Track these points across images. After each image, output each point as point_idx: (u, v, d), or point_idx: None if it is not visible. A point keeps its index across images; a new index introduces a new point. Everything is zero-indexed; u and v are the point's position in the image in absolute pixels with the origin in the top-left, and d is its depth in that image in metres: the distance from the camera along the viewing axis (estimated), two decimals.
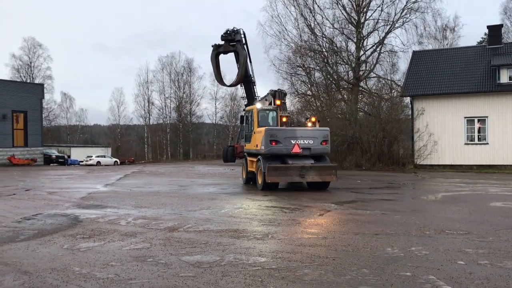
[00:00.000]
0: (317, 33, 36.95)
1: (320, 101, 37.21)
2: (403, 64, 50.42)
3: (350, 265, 5.04)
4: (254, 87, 41.84)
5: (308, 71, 37.98)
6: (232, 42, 38.78)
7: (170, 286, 4.35)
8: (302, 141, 14.13)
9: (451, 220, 8.32)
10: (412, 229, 7.33)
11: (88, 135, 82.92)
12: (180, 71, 71.45)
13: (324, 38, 37.01)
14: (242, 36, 39.21)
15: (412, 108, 26.83)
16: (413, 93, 26.84)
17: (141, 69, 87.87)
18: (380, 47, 35.85)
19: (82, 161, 45.93)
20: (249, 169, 16.01)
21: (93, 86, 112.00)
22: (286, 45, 38.01)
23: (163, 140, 70.51)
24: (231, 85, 42.31)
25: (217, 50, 38.74)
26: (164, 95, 71.14)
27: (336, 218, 8.59)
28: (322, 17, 36.51)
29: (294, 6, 37.01)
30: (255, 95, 42.40)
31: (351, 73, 36.99)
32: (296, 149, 14.00)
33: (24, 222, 7.98)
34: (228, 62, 65.97)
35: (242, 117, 17.69)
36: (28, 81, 61.65)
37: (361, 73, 36.36)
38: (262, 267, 4.96)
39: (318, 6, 36.28)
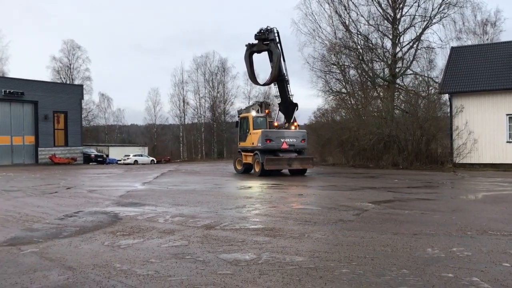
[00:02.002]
0: (352, 30, 36.51)
1: (355, 99, 36.73)
2: (441, 61, 49.14)
3: (390, 266, 4.96)
4: (288, 85, 41.70)
5: (342, 68, 37.57)
6: (266, 41, 38.82)
7: (208, 283, 4.39)
8: (288, 139, 20.14)
9: (494, 221, 8.06)
10: (452, 229, 7.14)
11: (126, 135, 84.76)
12: (214, 71, 72.08)
13: (359, 35, 36.53)
14: (276, 34, 39.15)
15: (450, 106, 26.12)
16: (451, 90, 26.11)
17: (176, 69, 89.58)
18: (417, 43, 35.07)
19: (120, 160, 47.01)
20: (244, 161, 21.34)
21: (130, 86, 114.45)
22: (320, 43, 37.72)
23: (197, 139, 71.30)
24: (264, 84, 42.27)
25: (251, 49, 38.83)
26: (199, 95, 71.97)
27: (373, 217, 8.46)
28: (357, 14, 36.03)
29: (328, 4, 36.67)
30: (288, 94, 42.35)
31: (387, 70, 36.35)
32: (285, 146, 19.94)
33: (66, 219, 8.23)
34: (261, 61, 66.02)
35: (237, 122, 22.54)
36: (68, 82, 63.56)
37: (397, 70, 35.67)
38: (299, 266, 4.95)
39: (353, 3, 35.82)
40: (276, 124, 21.59)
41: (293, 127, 21.61)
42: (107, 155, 49.44)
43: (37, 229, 7.27)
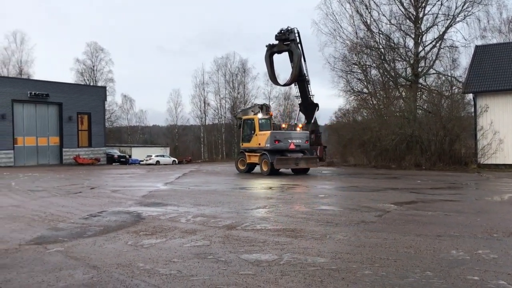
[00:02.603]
0: (374, 30, 36.19)
1: (377, 99, 36.38)
2: (465, 60, 48.24)
3: (413, 267, 4.90)
4: (308, 86, 41.55)
5: (364, 68, 37.25)
6: (286, 41, 38.69)
7: (230, 283, 4.41)
8: (295, 140, 21.35)
9: None
10: (477, 231, 7.01)
11: (148, 136, 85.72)
12: (234, 72, 72.31)
13: (380, 35, 36.18)
14: (296, 35, 39.03)
15: (475, 105, 25.64)
16: (476, 89, 25.63)
17: (197, 70, 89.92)
18: (439, 42, 34.54)
19: (142, 161, 47.53)
20: (248, 161, 22.11)
21: (152, 88, 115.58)
22: (341, 42, 37.49)
23: (218, 140, 71.61)
24: (285, 85, 42.27)
25: (271, 50, 38.80)
26: (219, 95, 72.29)
27: (396, 219, 8.37)
28: (379, 13, 35.69)
29: (350, 3, 36.43)
30: (309, 94, 42.18)
31: (409, 70, 35.90)
32: (292, 146, 21.15)
33: (90, 219, 8.37)
34: (282, 61, 65.92)
35: (240, 124, 23.17)
36: (91, 84, 64.57)
37: (420, 69, 35.19)
38: (321, 267, 4.93)
39: (374, 2, 35.50)
40: (284, 125, 23.29)
41: (298, 129, 23.45)
42: (130, 156, 50.03)
43: (62, 229, 7.41)
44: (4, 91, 31.99)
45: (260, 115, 22.40)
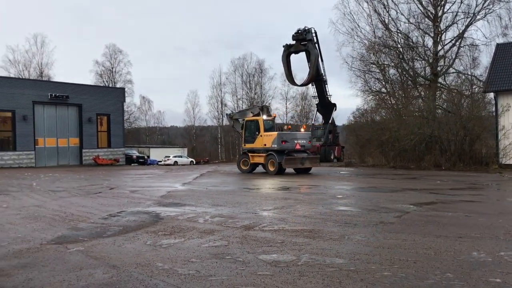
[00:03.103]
0: (392, 29, 35.85)
1: (395, 98, 36.03)
2: (485, 58, 47.45)
3: (433, 269, 4.84)
4: (326, 85, 41.40)
5: (382, 68, 36.94)
6: (303, 41, 38.53)
7: (248, 284, 4.42)
8: (300, 141, 22.14)
9: None
10: (499, 232, 6.89)
11: (166, 136, 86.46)
12: (251, 72, 72.43)
13: (399, 34, 35.83)
14: (313, 35, 38.87)
15: (496, 105, 25.20)
16: (497, 88, 25.18)
17: (215, 71, 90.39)
18: (459, 41, 34.03)
19: (160, 161, 47.93)
20: (252, 161, 22.68)
21: (170, 89, 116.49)
22: (359, 42, 37.26)
23: (235, 140, 71.74)
24: (302, 85, 42.22)
25: (288, 50, 38.72)
26: (236, 96, 72.48)
27: (415, 219, 8.27)
28: (397, 12, 35.35)
29: (367, 2, 36.18)
30: (326, 94, 41.98)
31: (428, 69, 35.47)
32: (298, 146, 21.94)
33: (110, 219, 8.47)
34: (299, 61, 65.78)
35: (242, 124, 23.54)
36: (110, 85, 65.34)
37: (439, 68, 34.74)
38: (339, 268, 4.90)
39: (393, 1, 35.18)
40: (289, 126, 24.67)
41: (302, 130, 24.65)
42: (148, 156, 50.47)
43: (82, 228, 7.51)
44: (26, 93, 32.57)
45: (265, 117, 23.00)
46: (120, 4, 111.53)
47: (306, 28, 37.67)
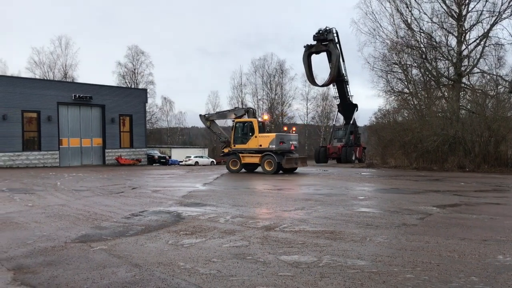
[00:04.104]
0: (414, 29, 35.36)
1: (418, 99, 35.53)
2: (511, 58, 46.49)
3: (457, 272, 4.76)
4: (347, 86, 41.14)
5: (404, 68, 36.50)
6: (325, 41, 38.30)
7: (270, 284, 4.42)
8: (293, 142, 23.76)
9: None
10: None
11: (187, 137, 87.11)
12: (272, 73, 72.51)
13: (421, 33, 35.31)
14: (335, 35, 38.61)
15: None
16: None
17: (235, 72, 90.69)
18: (484, 40, 33.35)
19: (181, 161, 48.32)
20: (243, 161, 23.55)
21: (191, 90, 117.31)
22: (381, 42, 36.88)
23: None
24: (323, 85, 42.10)
25: (309, 51, 38.58)
26: (257, 97, 72.70)
27: (438, 222, 8.15)
28: (420, 12, 34.83)
29: (389, 2, 35.75)
30: (348, 95, 41.67)
31: (452, 69, 34.86)
32: (292, 147, 23.58)
33: (132, 218, 8.57)
34: (320, 61, 65.42)
35: (235, 126, 24.03)
36: (133, 86, 66.16)
37: (463, 68, 34.12)
38: (361, 270, 4.86)
39: (415, 0, 34.70)
40: (285, 128, 26.43)
41: (292, 131, 25.77)
42: (170, 157, 50.94)
43: (105, 227, 7.62)
44: (50, 94, 33.24)
45: (260, 119, 24.62)
46: (141, 5, 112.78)
47: (327, 28, 37.44)
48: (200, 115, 27.92)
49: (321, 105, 73.49)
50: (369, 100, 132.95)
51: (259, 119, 24.40)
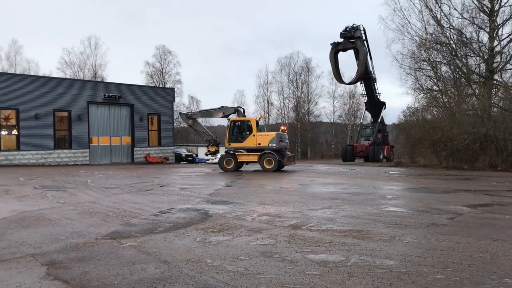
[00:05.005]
0: (444, 25, 34.61)
1: (447, 96, 34.81)
2: None
3: (489, 274, 4.65)
4: (375, 84, 40.63)
5: (434, 65, 35.79)
6: (352, 39, 37.89)
7: (297, 283, 4.41)
8: (287, 141, 24.58)
9: None
10: None
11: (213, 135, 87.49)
12: (298, 71, 72.26)
13: (451, 30, 34.54)
14: (362, 32, 38.18)
15: None
16: None
17: (261, 71, 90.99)
18: None
19: (208, 159, 48.60)
20: (240, 160, 23.70)
21: (217, 88, 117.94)
22: (410, 39, 36.22)
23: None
24: (350, 83, 41.75)
25: (336, 48, 38.26)
26: (283, 95, 72.58)
27: (469, 222, 7.97)
28: (450, 7, 34.07)
29: None
30: (375, 92, 41.14)
31: (483, 66, 33.98)
32: (287, 146, 24.46)
33: (160, 216, 8.69)
34: (347, 59, 64.81)
35: (231, 125, 23.95)
36: (160, 86, 66.97)
37: (495, 65, 33.21)
38: (390, 270, 4.81)
39: None
40: (283, 127, 26.37)
41: (282, 130, 25.86)
42: (197, 155, 51.35)
43: (134, 224, 7.75)
44: (81, 94, 33.96)
45: (257, 117, 25.20)
46: (167, 5, 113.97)
47: (355, 26, 37.04)
48: (181, 113, 28.06)
49: (348, 103, 72.85)
50: (398, 98, 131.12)
51: (257, 118, 24.78)
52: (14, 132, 30.96)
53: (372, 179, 18.69)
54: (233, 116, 25.02)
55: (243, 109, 25.96)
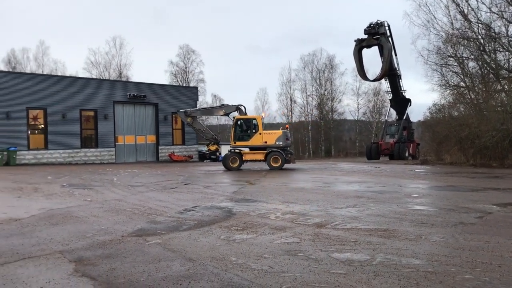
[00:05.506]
0: (471, 19, 33.82)
1: (475, 93, 34.06)
2: None
3: None
4: (400, 80, 40.04)
5: (460, 61, 35.04)
6: (376, 35, 37.42)
7: (322, 281, 4.38)
8: (291, 139, 25.39)
9: None
10: None
11: None
12: (321, 68, 71.79)
13: (479, 24, 33.71)
14: (386, 28, 37.65)
15: None
16: None
17: (284, 68, 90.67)
18: None
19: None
20: (244, 158, 23.75)
21: (240, 86, 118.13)
22: (436, 34, 35.51)
23: (305, 137, 71.47)
24: (374, 80, 41.23)
25: (360, 45, 37.86)
26: (306, 93, 72.28)
27: (499, 221, 7.79)
28: (477, 2, 33.29)
29: None
30: (400, 89, 40.56)
31: None
32: (290, 144, 25.07)
33: (185, 213, 8.76)
34: (371, 55, 64.18)
35: (236, 123, 23.92)
36: (184, 85, 67.50)
37: None
38: (416, 269, 4.73)
39: None
40: (287, 126, 26.91)
41: (283, 129, 25.85)
42: (220, 153, 51.54)
43: (160, 222, 7.83)
44: (107, 93, 34.50)
45: (263, 116, 26.07)
46: (191, 4, 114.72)
47: (379, 22, 36.56)
48: (179, 111, 27.87)
49: (373, 100, 72.01)
50: (423, 94, 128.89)
51: (263, 116, 25.22)
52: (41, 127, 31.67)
53: (397, 177, 18.44)
54: (236, 114, 24.90)
55: (244, 107, 25.66)
